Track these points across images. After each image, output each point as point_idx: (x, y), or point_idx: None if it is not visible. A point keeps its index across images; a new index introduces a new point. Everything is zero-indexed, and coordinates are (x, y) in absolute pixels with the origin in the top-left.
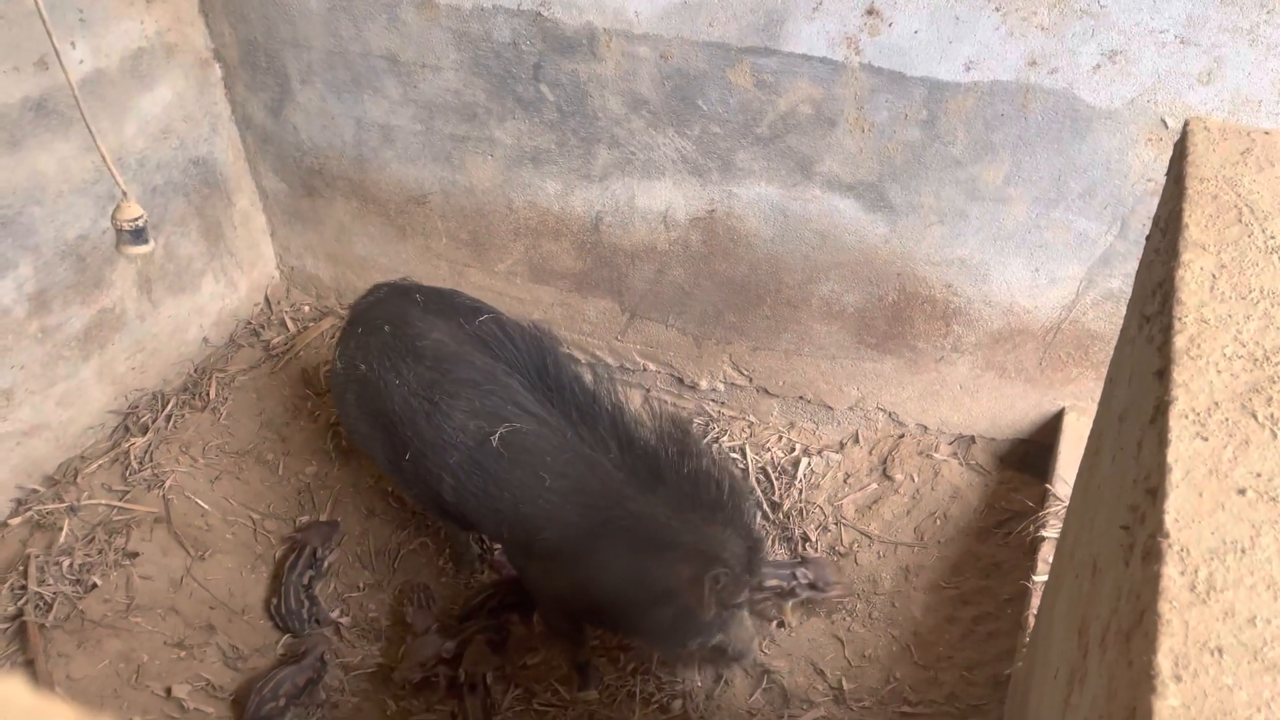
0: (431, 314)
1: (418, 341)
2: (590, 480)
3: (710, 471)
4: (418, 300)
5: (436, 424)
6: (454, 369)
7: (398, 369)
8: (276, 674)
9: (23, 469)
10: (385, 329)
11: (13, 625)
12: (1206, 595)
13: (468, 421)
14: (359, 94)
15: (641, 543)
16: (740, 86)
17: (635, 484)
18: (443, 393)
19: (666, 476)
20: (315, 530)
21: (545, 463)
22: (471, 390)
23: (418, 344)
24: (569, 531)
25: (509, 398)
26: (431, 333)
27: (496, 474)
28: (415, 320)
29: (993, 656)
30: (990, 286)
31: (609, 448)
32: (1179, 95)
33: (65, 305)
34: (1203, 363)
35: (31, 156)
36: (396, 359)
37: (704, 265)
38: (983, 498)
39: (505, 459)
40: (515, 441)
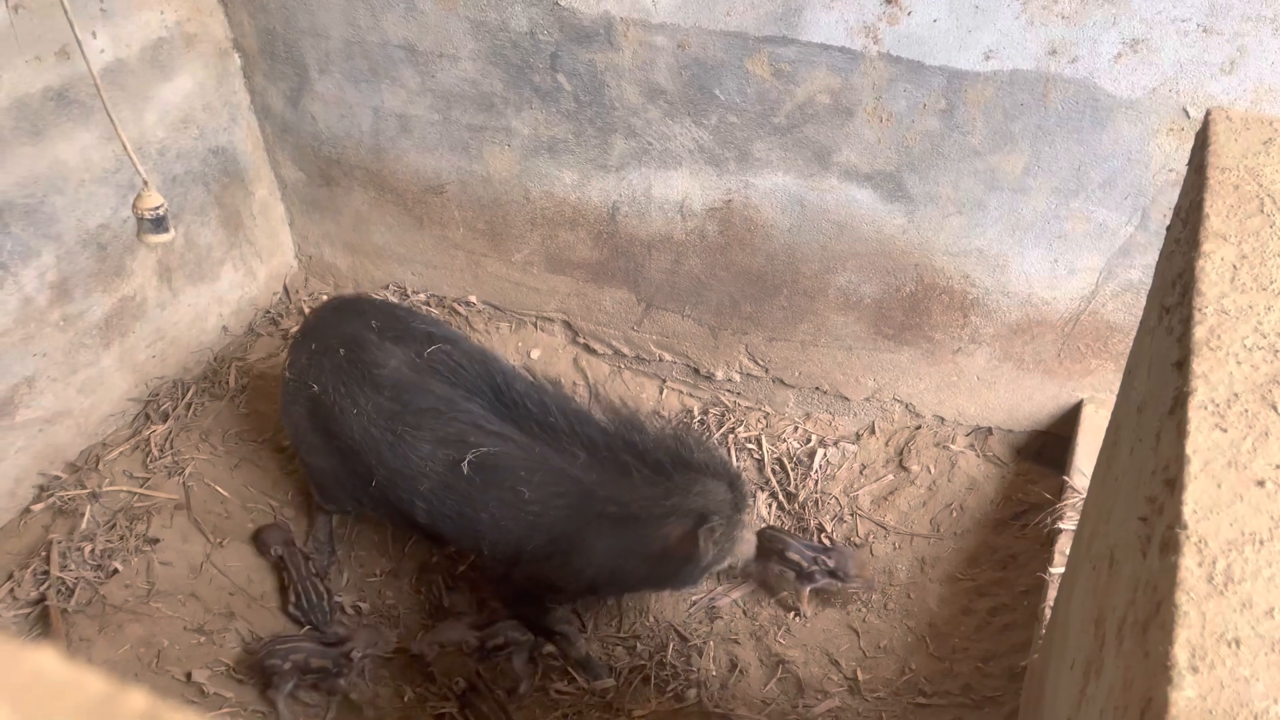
0: (388, 340)
1: (375, 370)
2: (566, 485)
3: (668, 437)
4: (373, 325)
5: (403, 454)
6: (414, 399)
7: (354, 397)
8: (298, 642)
9: (45, 455)
10: (340, 352)
11: (35, 610)
12: (1224, 587)
13: (435, 450)
14: (377, 83)
15: (632, 522)
16: (758, 76)
17: (609, 477)
18: (405, 424)
19: (634, 459)
20: (270, 534)
21: (520, 477)
22: (434, 419)
23: (375, 373)
24: (556, 534)
25: (471, 421)
26: (389, 361)
27: (471, 496)
28: (372, 347)
29: (1008, 648)
30: (1008, 277)
31: (575, 454)
32: (1201, 85)
33: (87, 293)
34: (1222, 354)
35: (53, 146)
36: (354, 386)
37: (720, 256)
38: (999, 489)
39: (478, 481)
40: (486, 463)
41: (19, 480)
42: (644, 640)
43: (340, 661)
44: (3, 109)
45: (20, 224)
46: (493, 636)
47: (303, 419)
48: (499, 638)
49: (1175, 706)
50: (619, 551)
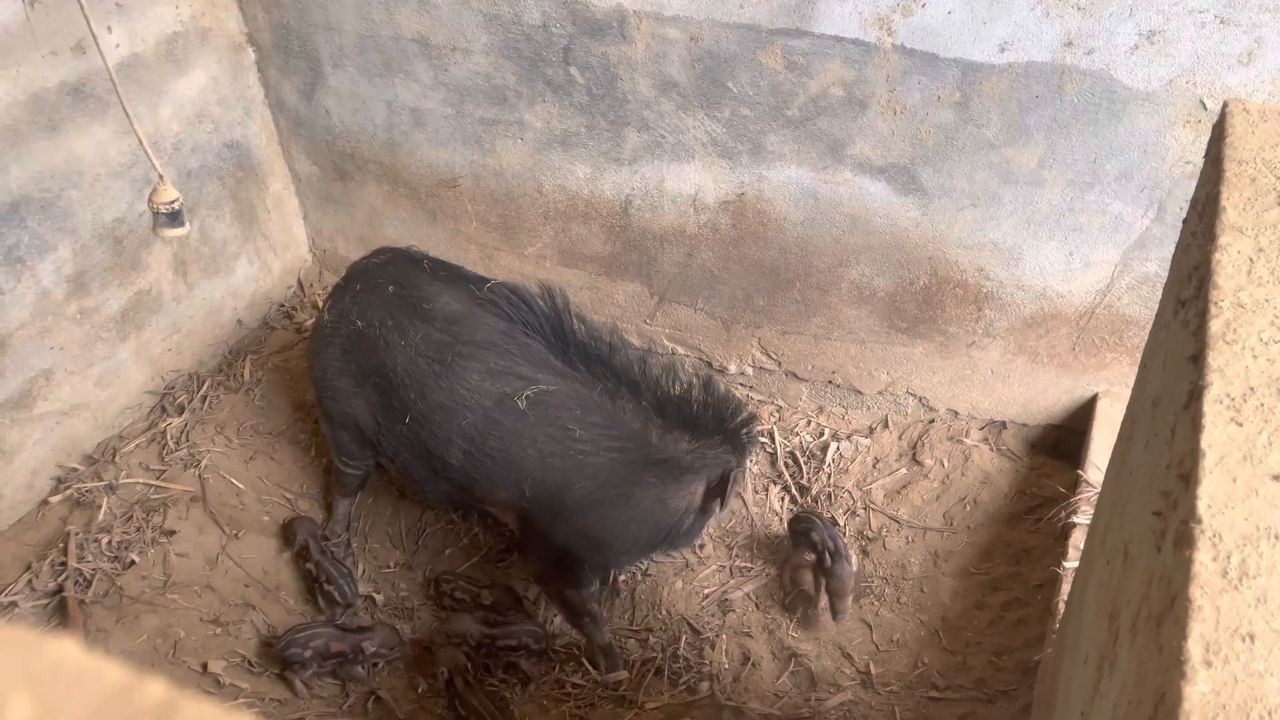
0: (439, 280)
1: (425, 304)
2: (618, 430)
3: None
4: (425, 266)
5: (449, 386)
6: (467, 331)
7: (402, 329)
8: (317, 628)
9: (62, 448)
10: (390, 288)
11: (53, 601)
12: (1239, 581)
13: (484, 383)
14: (390, 77)
15: (676, 472)
16: (771, 68)
17: (656, 425)
18: (455, 354)
19: (679, 415)
20: (302, 526)
21: (574, 416)
22: (487, 351)
23: (425, 306)
24: (602, 478)
25: (528, 357)
26: (440, 296)
27: (521, 431)
28: (423, 283)
29: (1022, 643)
30: (1023, 270)
31: (628, 397)
32: (1218, 76)
33: (103, 287)
34: (1238, 347)
35: (69, 140)
36: (402, 318)
37: (733, 249)
38: (1013, 484)
39: (530, 417)
40: (540, 399)
41: (36, 472)
42: (656, 633)
43: (357, 649)
44: (20, 104)
45: (37, 218)
46: (506, 637)
47: (334, 362)
48: (512, 640)
49: (1189, 701)
50: (658, 503)
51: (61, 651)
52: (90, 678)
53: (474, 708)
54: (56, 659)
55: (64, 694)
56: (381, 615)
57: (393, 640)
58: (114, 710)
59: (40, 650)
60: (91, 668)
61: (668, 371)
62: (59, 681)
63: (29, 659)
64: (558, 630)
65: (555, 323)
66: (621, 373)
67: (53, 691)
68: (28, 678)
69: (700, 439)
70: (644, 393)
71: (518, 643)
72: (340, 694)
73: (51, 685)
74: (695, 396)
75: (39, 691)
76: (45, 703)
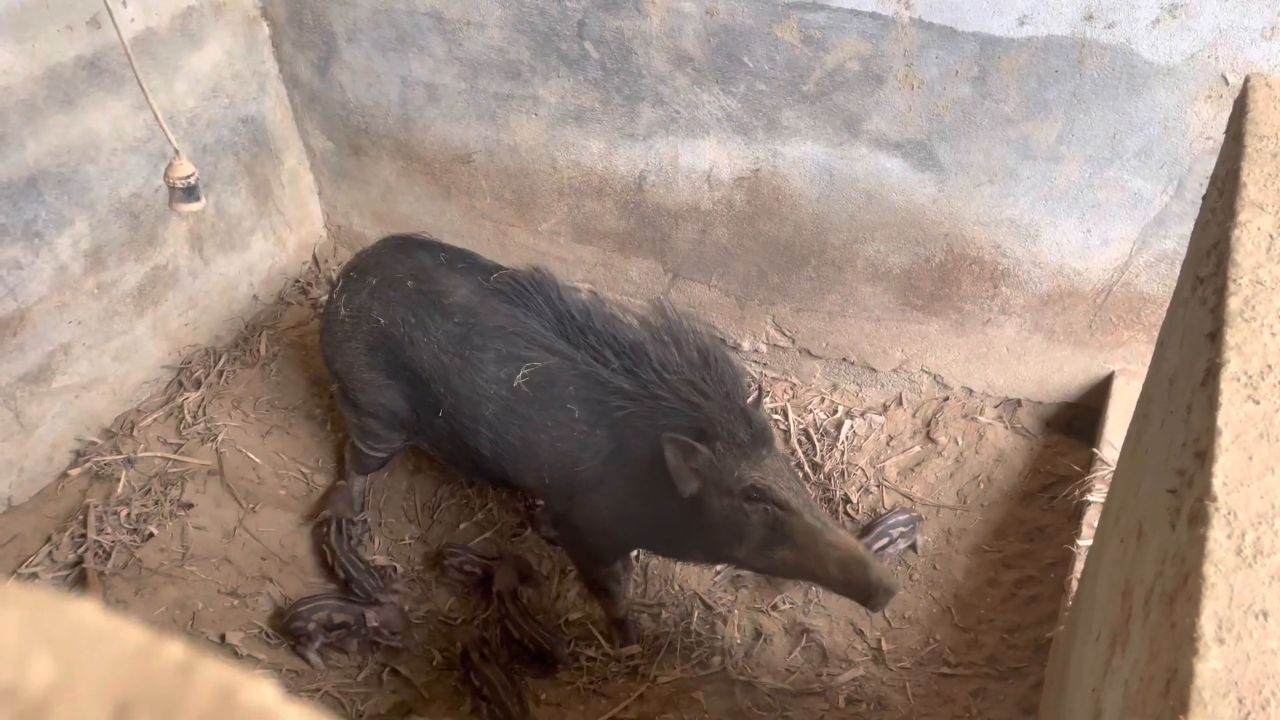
0: (456, 271)
1: (444, 298)
2: (611, 400)
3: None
4: (441, 258)
5: (470, 379)
6: (480, 320)
7: (425, 326)
8: (321, 600)
9: (81, 421)
10: (409, 283)
11: (73, 572)
12: (1253, 559)
13: (498, 370)
14: (404, 52)
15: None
16: (787, 43)
17: (631, 381)
18: (472, 346)
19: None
20: (339, 497)
21: (569, 394)
22: (497, 338)
23: (444, 300)
24: (603, 454)
25: (530, 338)
26: (458, 289)
27: (531, 417)
28: (441, 277)
29: (1034, 620)
30: (1040, 248)
31: (607, 360)
32: (1240, 50)
33: (120, 262)
34: (1256, 325)
35: (86, 115)
36: (424, 315)
37: (748, 225)
38: (1028, 462)
39: (535, 400)
40: (541, 380)
41: (56, 445)
42: (669, 608)
43: (358, 618)
44: (36, 78)
45: (54, 193)
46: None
47: (359, 355)
48: (524, 639)
49: (1201, 678)
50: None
51: (81, 613)
52: (110, 639)
53: (488, 679)
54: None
55: (84, 655)
56: (400, 587)
57: (398, 622)
58: (133, 671)
59: (60, 612)
60: (111, 629)
61: (667, 346)
62: (79, 642)
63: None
64: (570, 605)
65: (546, 299)
66: (624, 349)
67: (73, 652)
68: (48, 639)
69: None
70: (621, 349)
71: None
72: (355, 668)
73: (71, 646)
74: (698, 372)
75: (59, 652)
76: (65, 663)
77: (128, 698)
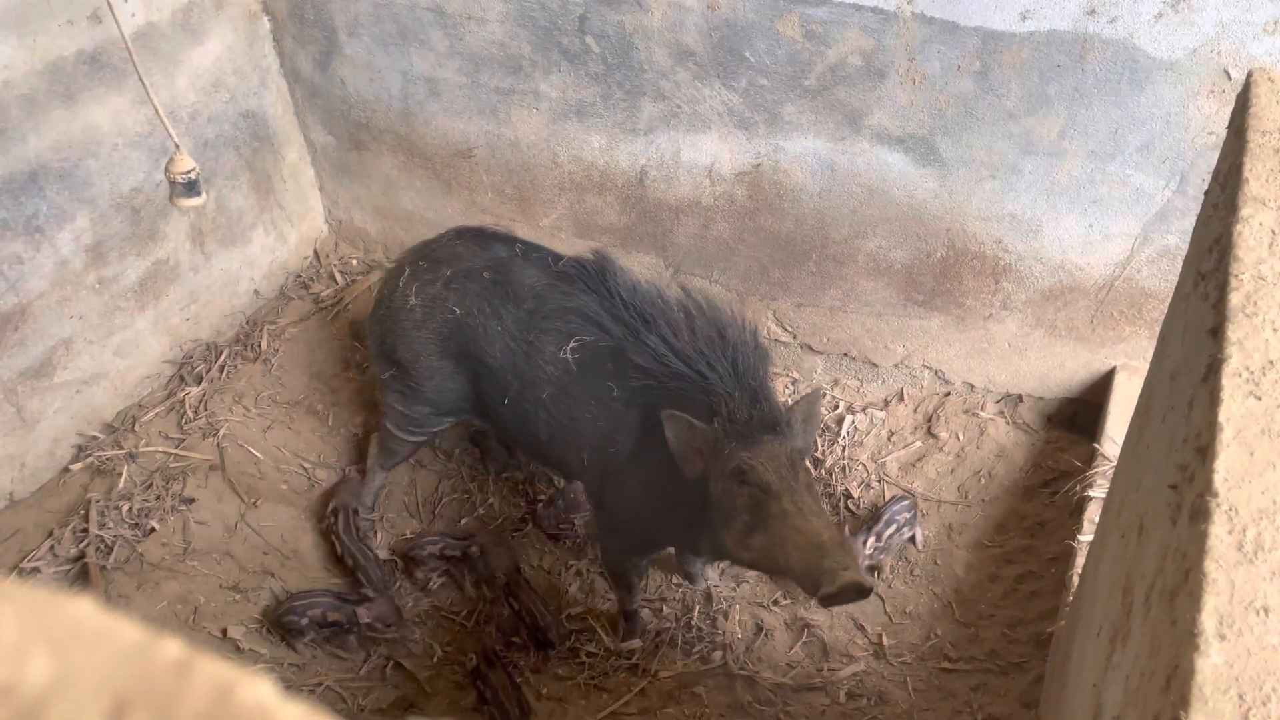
0: (530, 262)
1: (517, 289)
2: (630, 372)
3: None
4: (517, 250)
5: (534, 361)
6: (543, 304)
7: (499, 315)
8: (315, 597)
9: (83, 416)
10: (485, 275)
11: (75, 567)
12: (1254, 555)
13: (555, 350)
14: (405, 47)
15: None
16: (788, 37)
17: (670, 359)
18: (536, 329)
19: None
20: (346, 488)
21: (609, 370)
22: (556, 319)
23: (517, 290)
24: (635, 434)
25: (583, 315)
26: (529, 278)
27: (577, 395)
28: (516, 268)
29: (1035, 615)
30: (1042, 243)
31: (641, 336)
32: (1243, 45)
33: (121, 257)
34: (1258, 320)
35: (86, 110)
36: (498, 305)
37: (749, 220)
38: (1029, 457)
39: (581, 377)
40: (588, 358)
41: (57, 440)
42: (670, 603)
43: (350, 615)
44: (36, 72)
45: (55, 187)
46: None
47: (429, 344)
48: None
49: (1201, 674)
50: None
51: (79, 610)
52: (108, 636)
53: (491, 683)
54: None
55: (81, 652)
56: (406, 582)
57: (390, 616)
58: (130, 669)
59: (58, 609)
60: (109, 627)
61: (681, 322)
62: (77, 640)
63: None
64: (572, 600)
65: (603, 280)
66: (654, 324)
67: (70, 650)
68: (46, 636)
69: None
70: (660, 341)
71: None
72: (357, 662)
73: (69, 644)
74: (715, 348)
75: (56, 650)
76: (63, 661)
77: (125, 695)
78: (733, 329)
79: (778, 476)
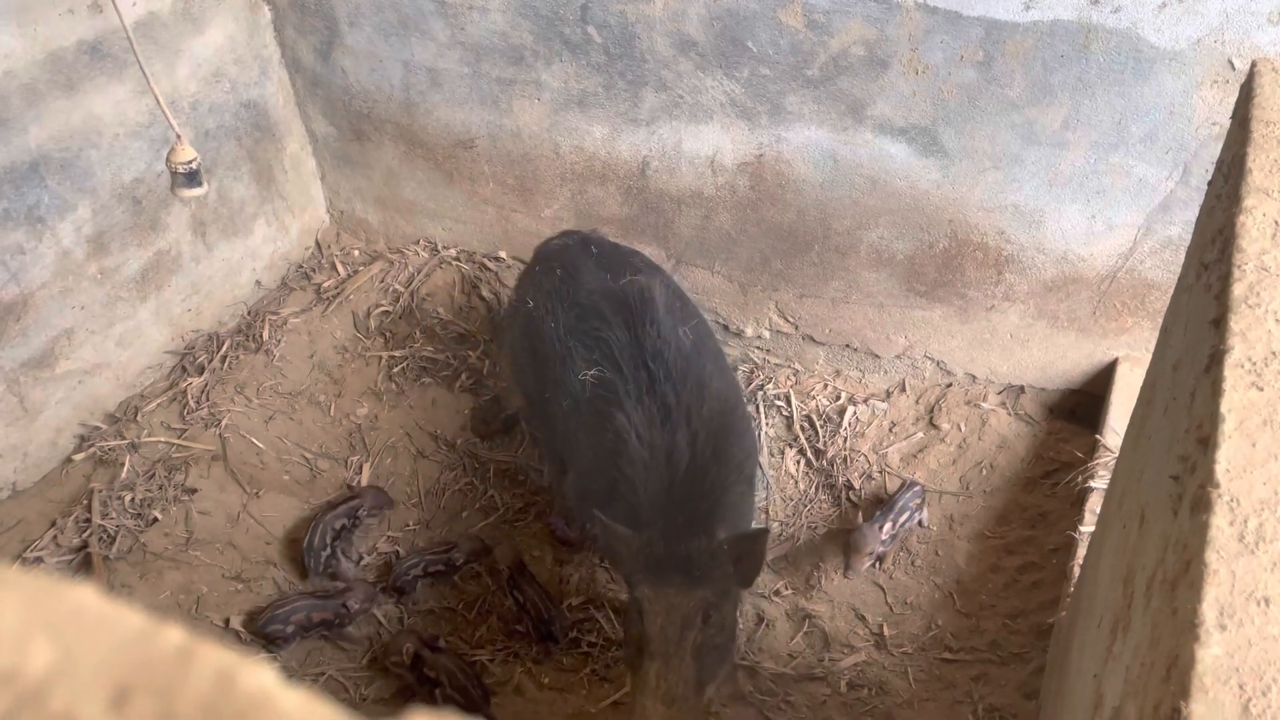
0: (601, 268)
1: (577, 290)
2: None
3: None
4: (593, 252)
5: (567, 369)
6: (587, 321)
7: (555, 312)
8: (295, 601)
9: (85, 406)
10: (558, 272)
11: (78, 556)
12: (1255, 546)
13: (581, 368)
14: (406, 36)
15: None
16: (791, 27)
17: (638, 444)
18: (576, 340)
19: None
20: (370, 493)
21: (606, 413)
22: (591, 340)
23: (576, 292)
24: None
25: (611, 354)
26: (591, 283)
27: (584, 422)
28: (584, 271)
29: (1036, 606)
30: (1044, 234)
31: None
32: (1247, 35)
33: (123, 247)
34: (1261, 311)
35: (88, 99)
36: (557, 302)
37: (751, 211)
38: (1031, 448)
39: (589, 406)
40: (597, 390)
41: (60, 430)
42: None
43: (341, 611)
44: (37, 62)
45: (56, 177)
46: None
47: (519, 338)
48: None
49: (1202, 664)
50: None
51: (80, 598)
52: (109, 624)
53: (444, 667)
54: (75, 605)
55: (83, 639)
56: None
57: (372, 594)
58: (132, 655)
59: (59, 596)
60: (110, 614)
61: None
62: (78, 627)
63: (48, 605)
64: (573, 589)
65: (641, 321)
66: (656, 413)
67: (72, 637)
68: (47, 623)
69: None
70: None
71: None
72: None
73: (70, 631)
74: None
75: (58, 636)
76: (65, 647)
77: (127, 682)
78: (708, 463)
79: (660, 636)
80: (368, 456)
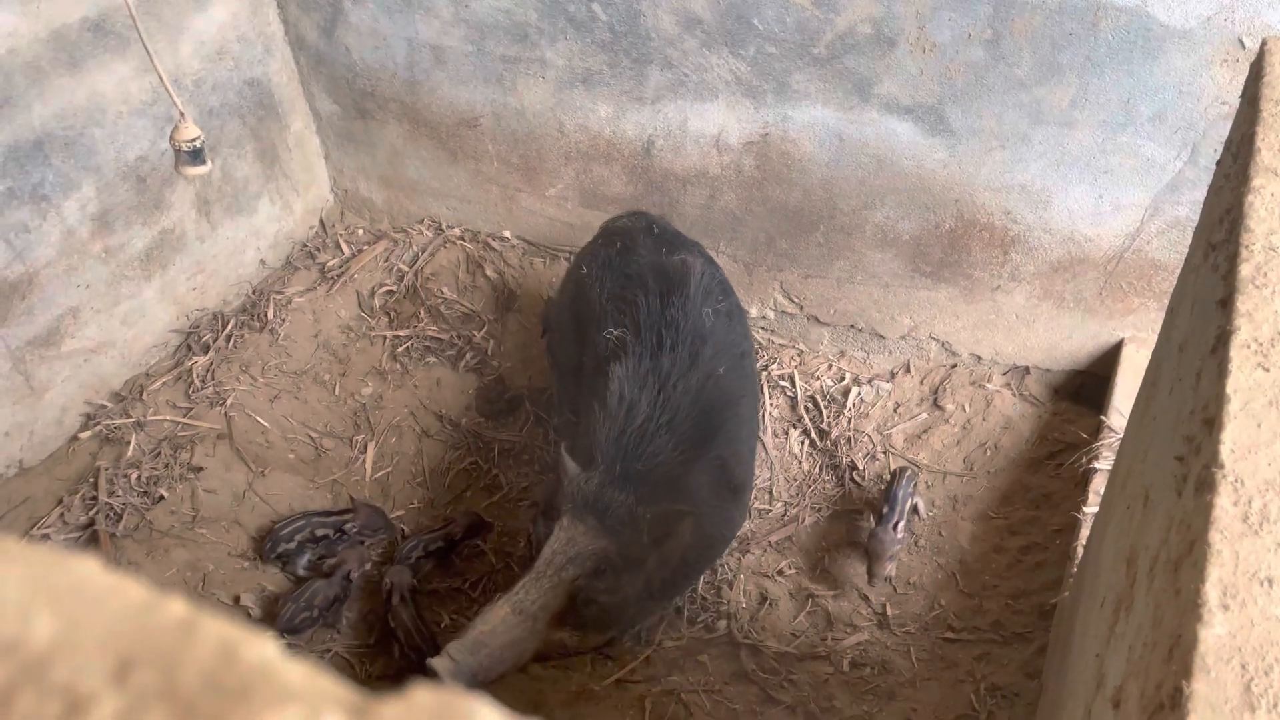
0: (652, 247)
1: (627, 262)
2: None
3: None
4: (654, 230)
5: (599, 329)
6: (630, 289)
7: (604, 280)
8: (311, 585)
9: (91, 385)
10: (617, 244)
11: (85, 534)
12: (1259, 526)
13: (607, 326)
14: (410, 14)
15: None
16: (797, 4)
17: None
18: (614, 305)
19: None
20: (366, 510)
21: (610, 388)
22: (626, 305)
23: (626, 263)
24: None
25: (635, 317)
26: (642, 257)
27: (596, 384)
28: (639, 246)
29: (1039, 586)
30: (1051, 214)
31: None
32: (1258, 13)
33: (127, 226)
34: (1268, 292)
35: (91, 77)
36: (608, 271)
37: (756, 191)
38: (1035, 429)
39: (603, 372)
40: (616, 349)
41: (66, 409)
42: None
43: (343, 584)
44: (41, 40)
45: (60, 156)
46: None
47: (568, 299)
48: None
49: (1204, 644)
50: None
51: (83, 569)
52: (111, 595)
53: (402, 621)
54: (78, 577)
55: (85, 611)
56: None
57: (377, 521)
58: (135, 627)
59: (62, 568)
60: (113, 585)
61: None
62: (81, 598)
63: (51, 577)
64: None
65: (668, 303)
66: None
67: (74, 608)
68: (50, 595)
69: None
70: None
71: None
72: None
73: (73, 602)
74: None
75: (61, 608)
76: (67, 619)
77: (129, 654)
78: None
79: (546, 558)
80: (372, 436)
